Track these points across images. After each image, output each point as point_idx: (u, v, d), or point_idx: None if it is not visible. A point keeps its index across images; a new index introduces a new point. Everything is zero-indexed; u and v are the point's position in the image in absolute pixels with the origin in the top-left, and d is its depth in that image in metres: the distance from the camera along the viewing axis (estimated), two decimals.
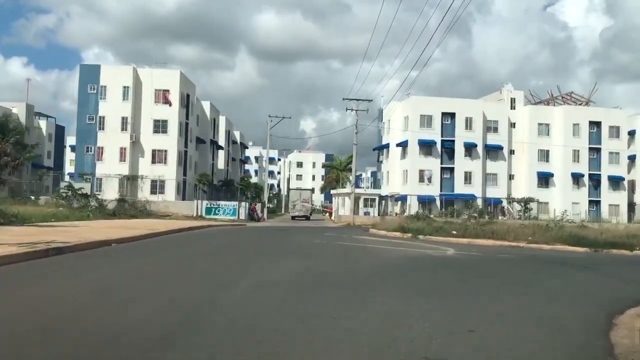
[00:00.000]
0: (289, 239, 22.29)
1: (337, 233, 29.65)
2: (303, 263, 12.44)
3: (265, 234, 26.28)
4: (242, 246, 18.33)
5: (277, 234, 26.58)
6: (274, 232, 28.25)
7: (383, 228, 31.03)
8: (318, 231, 32.45)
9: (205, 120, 66.22)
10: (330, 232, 30.27)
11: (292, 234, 26.68)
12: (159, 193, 51.61)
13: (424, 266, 13.13)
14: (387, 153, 62.50)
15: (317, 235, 25.87)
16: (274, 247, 17.78)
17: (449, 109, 58.27)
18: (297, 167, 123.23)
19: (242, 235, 25.06)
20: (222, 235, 24.40)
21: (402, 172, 59.18)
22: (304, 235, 25.79)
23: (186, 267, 11.29)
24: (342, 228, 41.89)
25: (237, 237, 23.55)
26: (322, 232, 30.19)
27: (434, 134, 57.51)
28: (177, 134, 52.28)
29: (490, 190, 58.82)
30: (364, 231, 33.30)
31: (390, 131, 61.09)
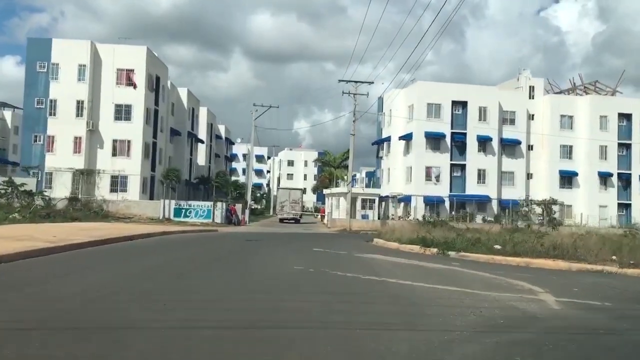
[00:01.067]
0: (255, 260, 14.37)
1: (332, 244, 21.91)
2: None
3: (225, 248, 18.40)
4: (125, 292, 10.45)
5: (244, 248, 18.72)
6: (242, 244, 20.41)
7: (393, 238, 23.24)
8: (306, 241, 24.72)
9: (181, 109, 58.31)
10: (322, 243, 22.49)
11: (266, 247, 18.85)
12: (120, 191, 43.68)
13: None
14: (387, 147, 54.76)
15: (303, 250, 18.05)
16: (201, 289, 9.89)
17: (460, 97, 50.66)
18: (287, 166, 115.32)
19: (187, 250, 17.17)
20: (158, 250, 16.48)
21: (405, 169, 51.46)
22: (283, 250, 17.95)
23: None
24: (337, 235, 34.13)
25: (171, 255, 15.62)
26: (311, 243, 22.43)
27: (443, 125, 49.87)
28: (142, 122, 44.37)
29: (506, 190, 51.24)
30: (365, 241, 25.64)
31: (392, 122, 53.41)
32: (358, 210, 47.66)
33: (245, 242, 21.65)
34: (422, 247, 19.61)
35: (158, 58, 49.33)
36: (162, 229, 27.79)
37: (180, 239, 22.57)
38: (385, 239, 23.81)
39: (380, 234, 25.89)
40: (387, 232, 26.48)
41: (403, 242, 21.41)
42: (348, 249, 19.44)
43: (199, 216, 42.07)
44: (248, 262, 13.31)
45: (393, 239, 23.21)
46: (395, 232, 25.44)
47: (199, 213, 42.19)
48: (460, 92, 50.81)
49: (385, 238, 24.07)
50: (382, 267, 13.47)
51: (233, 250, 17.66)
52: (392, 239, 23.14)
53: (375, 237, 26.45)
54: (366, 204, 48.18)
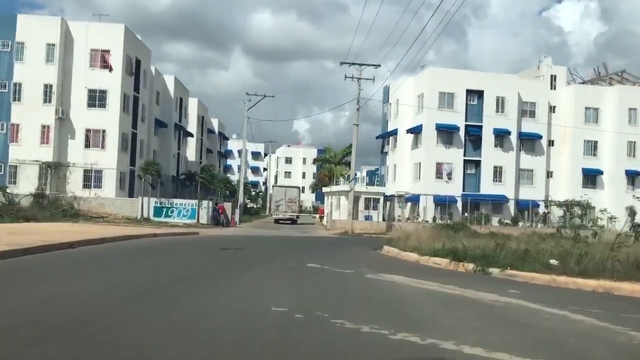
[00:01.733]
0: (215, 288, 9.13)
1: (333, 255, 17.03)
2: None
3: (185, 264, 13.28)
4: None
5: (213, 262, 13.72)
6: (214, 255, 15.46)
7: (410, 247, 18.27)
8: (300, 249, 19.81)
9: (167, 98, 53.28)
10: (320, 253, 17.55)
11: (243, 262, 13.84)
12: (94, 187, 38.71)
13: None
14: (393, 142, 49.73)
15: (294, 266, 13.00)
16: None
17: (476, 86, 45.64)
18: (285, 163, 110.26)
19: (125, 267, 12.10)
20: (79, 268, 11.37)
21: (413, 165, 46.47)
22: (266, 267, 12.84)
23: None
24: (337, 240, 29.17)
25: (85, 281, 10.55)
26: (306, 252, 17.49)
27: (456, 116, 44.87)
28: (119, 109, 39.34)
29: (525, 190, 46.25)
30: (373, 249, 20.78)
31: (399, 113, 48.42)
32: (360, 210, 42.75)
33: (220, 251, 16.64)
34: (453, 261, 14.66)
35: (139, 39, 44.31)
36: (129, 232, 22.89)
37: (142, 246, 17.59)
38: (400, 247, 18.82)
39: (393, 241, 20.88)
40: (400, 238, 21.47)
41: (424, 253, 16.45)
42: (354, 263, 14.49)
43: (182, 216, 37.23)
44: (198, 296, 8.27)
45: (410, 247, 18.24)
46: (410, 239, 20.47)
47: (182, 213, 37.34)
48: (475, 80, 45.82)
49: (399, 247, 19.08)
50: (416, 304, 8.45)
51: (194, 267, 12.63)
52: (408, 248, 18.17)
53: (385, 244, 21.54)
54: (369, 204, 43.29)
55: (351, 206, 36.32)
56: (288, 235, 30.96)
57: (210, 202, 38.07)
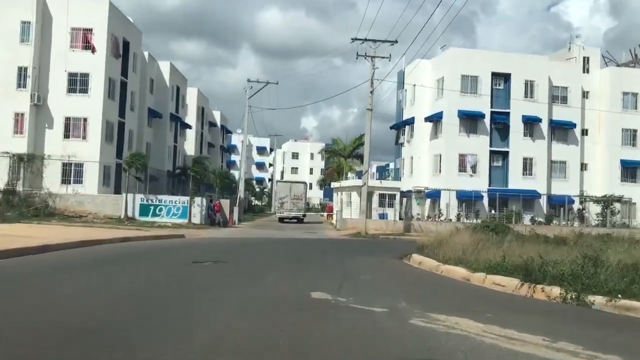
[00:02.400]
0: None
1: (347, 268, 12.56)
2: None
3: (123, 288, 8.60)
4: None
5: (167, 291, 9.01)
6: (179, 274, 10.82)
7: (452, 258, 13.66)
8: (302, 256, 15.35)
9: (162, 87, 48.87)
10: (329, 268, 13.00)
11: (211, 290, 9.02)
12: (74, 182, 34.34)
13: None
14: (410, 131, 45.03)
15: (288, 294, 8.23)
16: None
17: (502, 68, 40.90)
18: (292, 159, 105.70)
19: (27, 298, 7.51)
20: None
21: (432, 157, 41.82)
22: (242, 297, 8.05)
23: None
24: (350, 243, 24.63)
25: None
26: (311, 267, 12.94)
27: (480, 102, 40.17)
28: (103, 95, 34.91)
29: (557, 184, 41.50)
30: (398, 258, 16.34)
31: (416, 100, 43.73)
32: (374, 208, 38.18)
33: (189, 266, 12.08)
34: (526, 282, 10.06)
35: (128, 19, 39.89)
36: (91, 236, 18.49)
37: (88, 260, 13.06)
38: (437, 258, 14.20)
39: (424, 248, 16.30)
40: (431, 244, 16.87)
41: (476, 269, 11.85)
42: (382, 287, 9.93)
43: (171, 215, 32.86)
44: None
45: (451, 259, 13.64)
46: (445, 245, 15.92)
47: (171, 211, 32.96)
48: (501, 62, 41.03)
49: (435, 257, 14.48)
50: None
51: (132, 305, 8.01)
52: (450, 260, 13.57)
53: (406, 246, 17.04)
54: (384, 201, 38.71)
55: (364, 203, 31.74)
56: (291, 237, 26.45)
57: (203, 199, 33.62)
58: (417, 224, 35.84)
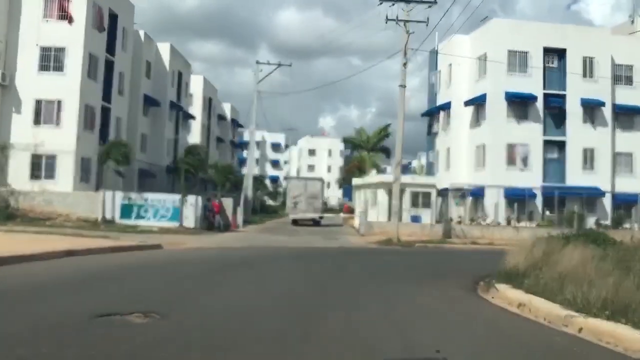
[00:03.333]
0: None
1: (396, 309, 6.12)
2: None
3: None
4: None
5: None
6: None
7: (592, 301, 7.36)
8: (317, 287, 8.98)
9: (161, 71, 43.14)
10: (360, 300, 6.66)
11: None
12: (46, 177, 28.71)
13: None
14: (446, 118, 38.61)
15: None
16: None
17: (556, 43, 34.38)
18: (309, 156, 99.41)
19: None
20: None
21: (474, 148, 35.44)
22: None
23: None
24: (384, 255, 18.44)
25: None
26: (327, 302, 6.56)
27: (531, 83, 33.72)
28: (81, 73, 29.19)
29: (622, 180, 34.78)
30: (467, 289, 10.10)
31: (452, 82, 37.35)
32: (405, 208, 31.87)
33: (77, 334, 5.85)
34: None
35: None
36: (72, 244, 12.65)
37: None
38: (554, 299, 7.96)
39: (508, 274, 10.16)
40: (516, 263, 10.72)
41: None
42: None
43: (159, 217, 27.06)
44: None
45: (589, 302, 7.39)
46: (547, 267, 9.79)
47: (159, 212, 27.15)
48: (555, 36, 34.47)
49: (546, 294, 8.26)
50: None
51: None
52: (586, 305, 7.33)
53: (456, 260, 10.91)
54: (417, 200, 32.46)
55: (397, 202, 25.50)
56: (305, 247, 20.40)
57: (199, 198, 27.71)
58: (459, 228, 29.56)
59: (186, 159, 26.36)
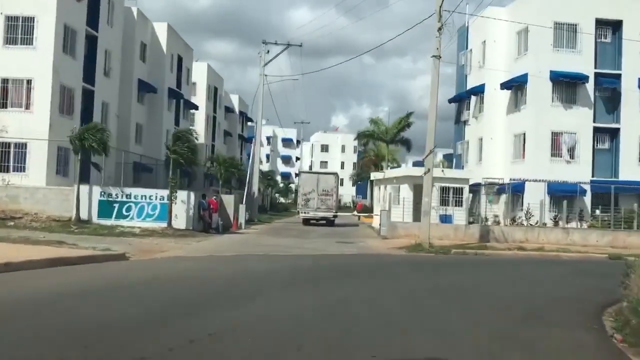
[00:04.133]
0: None
1: None
2: None
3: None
4: None
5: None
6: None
7: None
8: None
9: (158, 54, 38.95)
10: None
11: None
12: (15, 169, 24.62)
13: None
14: (478, 104, 33.91)
15: None
16: None
17: (610, 14, 29.56)
18: (321, 152, 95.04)
19: None
20: None
21: (512, 138, 30.77)
22: None
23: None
24: (424, 268, 13.80)
25: None
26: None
27: (580, 61, 28.94)
28: (54, 47, 24.99)
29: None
30: (586, 330, 5.06)
31: (487, 62, 32.64)
32: (432, 206, 27.23)
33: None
34: None
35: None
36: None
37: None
38: None
39: None
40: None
41: None
42: None
43: (145, 216, 22.85)
44: None
45: None
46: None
47: (145, 210, 22.89)
48: (610, 5, 29.58)
49: None
50: None
51: None
52: None
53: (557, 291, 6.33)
54: (447, 197, 27.84)
55: (428, 199, 20.91)
56: (316, 255, 15.98)
57: (191, 194, 23.38)
58: (498, 230, 24.97)
59: (174, 147, 22.09)
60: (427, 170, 20.73)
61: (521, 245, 22.11)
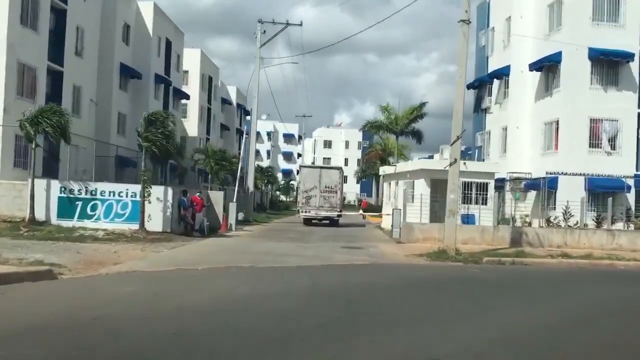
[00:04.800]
0: None
1: None
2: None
3: None
4: None
5: None
6: None
7: None
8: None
9: (144, 36, 35.27)
10: None
11: None
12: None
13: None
14: (502, 88, 30.03)
15: None
16: None
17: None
18: (324, 148, 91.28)
19: None
20: None
21: (541, 126, 26.91)
22: None
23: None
24: (461, 287, 9.84)
25: None
26: None
27: (624, 35, 25.04)
28: (8, 17, 21.25)
29: None
30: None
31: (512, 41, 28.77)
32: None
33: None
34: None
35: None
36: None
37: None
38: None
39: None
40: None
41: None
42: None
43: (114, 215, 19.08)
44: None
45: None
46: None
47: (113, 209, 19.14)
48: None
49: None
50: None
51: None
52: None
53: None
54: (470, 194, 24.07)
55: (456, 196, 17.13)
56: (313, 267, 12.21)
57: (169, 190, 19.62)
58: (532, 233, 21.10)
59: (145, 133, 18.33)
60: (454, 161, 16.96)
61: (564, 251, 18.30)
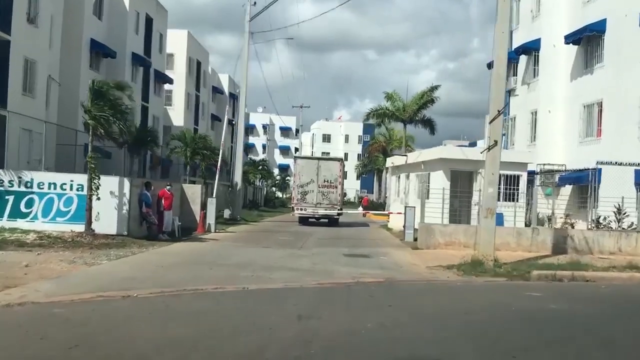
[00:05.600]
0: None
1: None
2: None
3: None
4: None
5: None
6: None
7: None
8: None
9: (119, 10, 31.28)
10: None
11: None
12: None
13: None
14: (531, 66, 25.83)
15: None
16: None
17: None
18: (322, 142, 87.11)
19: None
20: None
21: (579, 109, 22.85)
22: None
23: None
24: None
25: None
26: None
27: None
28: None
29: None
30: None
31: (543, 10, 24.68)
32: (474, 201, 19.42)
33: None
34: None
35: None
36: None
37: None
38: None
39: None
40: None
41: None
42: None
43: (54, 214, 14.94)
44: None
45: None
46: None
47: (54, 205, 15.00)
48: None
49: None
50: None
51: None
52: None
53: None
54: (498, 189, 19.85)
55: (495, 189, 13.19)
56: (305, 289, 8.00)
57: (125, 182, 15.53)
58: (578, 236, 17.06)
59: (92, 106, 14.27)
60: (493, 144, 13.00)
61: (633, 262, 14.25)
